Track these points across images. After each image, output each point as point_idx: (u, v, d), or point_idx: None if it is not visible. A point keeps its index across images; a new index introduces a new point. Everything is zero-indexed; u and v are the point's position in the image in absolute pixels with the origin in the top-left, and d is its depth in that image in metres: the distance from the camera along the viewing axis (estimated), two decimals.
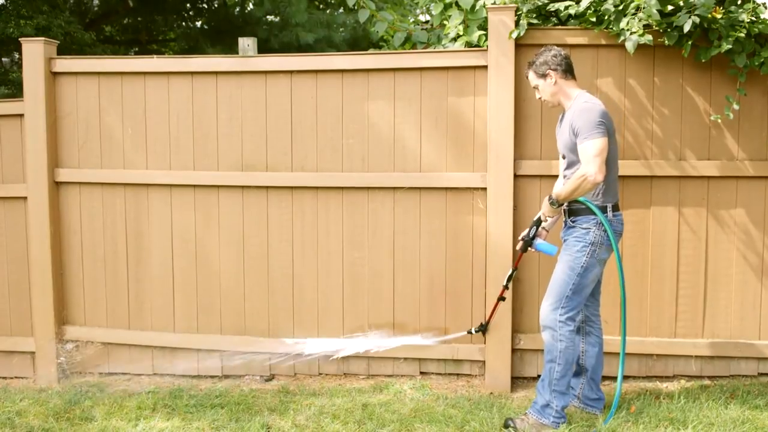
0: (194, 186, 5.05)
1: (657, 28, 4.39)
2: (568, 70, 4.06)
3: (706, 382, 4.74)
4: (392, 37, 5.69)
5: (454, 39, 5.04)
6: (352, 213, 4.91)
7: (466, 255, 4.81)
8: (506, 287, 4.45)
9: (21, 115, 5.16)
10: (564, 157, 4.12)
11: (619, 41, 4.44)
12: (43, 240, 5.13)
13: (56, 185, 5.18)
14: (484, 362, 4.83)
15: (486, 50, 4.65)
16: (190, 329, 5.14)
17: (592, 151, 3.81)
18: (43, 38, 5.16)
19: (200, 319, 5.13)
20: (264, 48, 5.73)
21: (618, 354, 4.22)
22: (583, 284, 3.99)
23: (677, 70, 4.62)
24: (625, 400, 4.32)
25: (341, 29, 11.65)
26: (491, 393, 4.67)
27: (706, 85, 4.61)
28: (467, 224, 4.80)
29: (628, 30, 4.36)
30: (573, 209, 4.04)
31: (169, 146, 5.07)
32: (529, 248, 4.20)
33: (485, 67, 4.66)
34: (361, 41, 11.30)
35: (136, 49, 12.01)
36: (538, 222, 4.17)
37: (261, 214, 5.00)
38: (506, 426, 4.03)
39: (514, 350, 4.77)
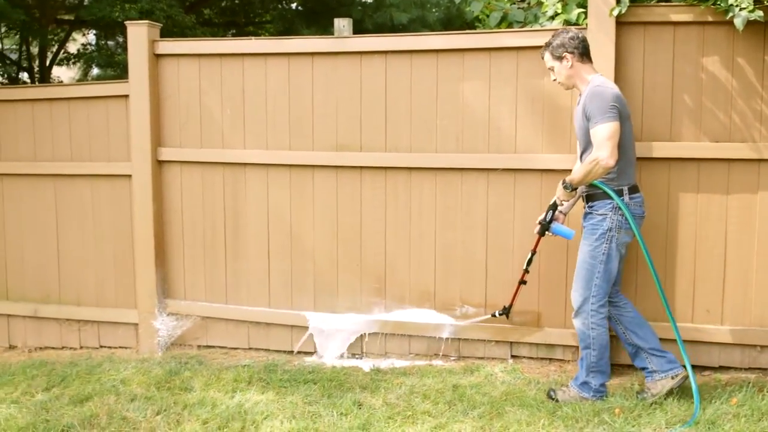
0: (290, 166, 5.14)
1: None
2: (584, 53, 4.06)
3: None
4: (487, 16, 5.61)
5: (552, 17, 4.92)
6: (446, 194, 4.89)
7: (560, 239, 4.71)
8: (526, 271, 4.50)
9: (126, 96, 5.35)
10: (579, 142, 4.12)
11: (727, 18, 4.24)
12: (146, 216, 5.33)
13: (159, 164, 5.36)
14: (577, 347, 4.74)
15: (585, 28, 4.52)
16: (285, 305, 5.25)
17: (603, 135, 3.83)
18: (147, 21, 5.33)
19: (294, 296, 5.23)
20: (358, 29, 5.76)
21: (717, 344, 4.06)
22: (609, 270, 4.04)
23: None
24: (726, 392, 4.17)
25: (435, 9, 11.58)
26: None
27: None
28: None
29: (737, 6, 4.15)
30: (590, 194, 4.08)
31: (266, 126, 5.16)
32: (547, 232, 4.24)
33: None
34: (455, 21, 11.20)
35: (234, 31, 12.25)
36: (554, 206, 4.19)
37: (354, 194, 5.04)
38: (549, 396, 4.21)
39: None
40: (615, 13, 4.39)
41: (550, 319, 4.80)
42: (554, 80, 4.19)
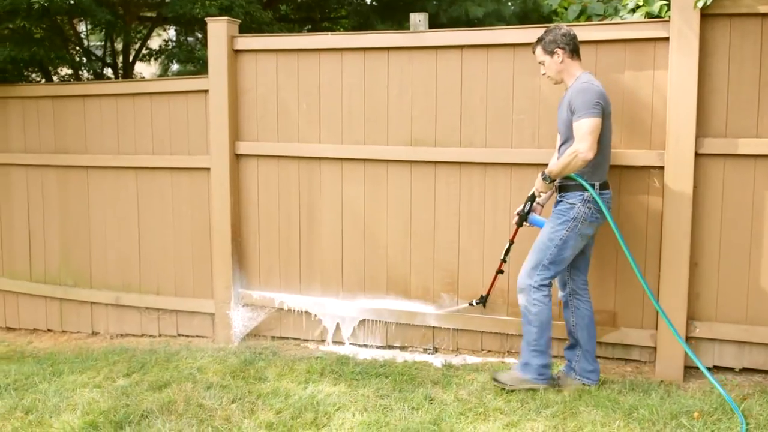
0: (364, 160, 5.16)
1: None
2: (575, 50, 4.21)
3: None
4: (565, 9, 5.52)
5: (633, 10, 4.82)
6: (521, 189, 4.82)
7: (639, 236, 4.61)
8: (504, 261, 4.60)
9: (206, 91, 5.47)
10: (561, 134, 4.26)
11: None
12: (223, 209, 5.44)
13: (236, 158, 5.46)
14: (654, 348, 4.63)
15: (668, 21, 4.40)
16: (357, 298, 5.28)
17: (585, 128, 3.97)
18: (226, 18, 5.43)
19: (367, 290, 5.26)
20: (433, 23, 5.74)
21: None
22: (560, 256, 4.17)
23: None
24: None
25: (510, 3, 11.42)
26: (661, 381, 4.46)
27: None
28: (641, 204, 4.59)
29: None
30: (563, 185, 4.23)
31: (341, 121, 5.20)
32: (525, 223, 4.37)
33: (666, 39, 4.41)
34: (531, 14, 11.02)
35: (309, 26, 12.34)
36: (533, 197, 4.33)
37: (428, 189, 5.04)
38: (493, 380, 4.35)
39: (688, 338, 4.54)
40: (699, 4, 4.25)
41: (626, 319, 4.69)
42: (544, 74, 4.31)
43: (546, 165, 4.72)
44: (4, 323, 6.47)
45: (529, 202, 4.35)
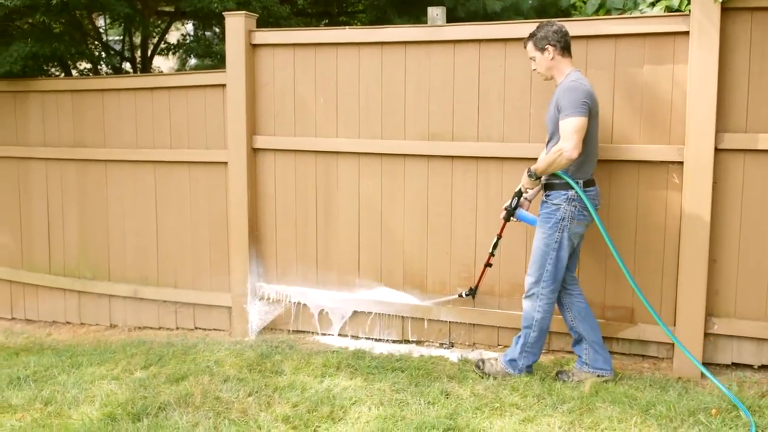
0: (381, 154, 5.16)
1: None
2: (566, 48, 4.22)
3: None
4: (584, 3, 5.49)
5: (653, 4, 4.79)
6: None
7: (658, 231, 4.58)
8: (492, 254, 4.69)
9: (223, 86, 5.48)
10: (548, 131, 4.27)
11: None
12: (241, 203, 5.46)
13: (254, 152, 5.47)
14: (672, 345, 4.61)
15: (688, 15, 4.36)
16: (374, 293, 5.28)
17: (571, 127, 4.00)
18: (244, 12, 5.44)
19: (383, 284, 5.26)
20: (450, 17, 5.69)
21: None
22: (560, 258, 4.23)
23: None
24: None
25: None
26: (679, 378, 4.44)
27: None
28: (660, 199, 4.56)
29: None
30: (548, 184, 4.27)
31: (358, 115, 5.20)
32: (512, 218, 4.45)
33: (686, 33, 4.38)
34: (549, 8, 10.95)
35: (326, 21, 12.34)
36: (519, 193, 4.41)
37: (445, 183, 5.03)
38: (476, 366, 4.50)
39: (706, 334, 4.51)
40: None
41: (644, 315, 4.66)
42: (534, 70, 4.33)
43: None
44: (24, 315, 6.54)
45: (516, 198, 4.41)
